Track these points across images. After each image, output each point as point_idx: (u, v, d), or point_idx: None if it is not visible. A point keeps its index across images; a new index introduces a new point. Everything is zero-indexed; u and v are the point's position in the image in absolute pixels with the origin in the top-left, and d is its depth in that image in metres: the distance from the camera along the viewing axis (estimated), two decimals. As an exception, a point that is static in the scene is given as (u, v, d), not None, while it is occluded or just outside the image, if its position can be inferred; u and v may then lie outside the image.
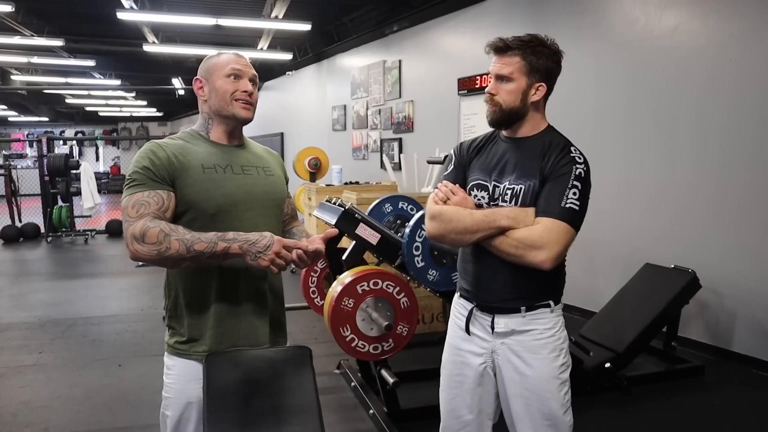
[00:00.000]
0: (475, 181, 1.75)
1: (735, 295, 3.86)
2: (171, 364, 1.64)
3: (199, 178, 1.56)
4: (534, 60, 1.65)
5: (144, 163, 1.54)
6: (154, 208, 1.50)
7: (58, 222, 9.72)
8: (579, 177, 1.62)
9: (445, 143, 6.39)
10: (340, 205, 2.82)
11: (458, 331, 1.84)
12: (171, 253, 1.45)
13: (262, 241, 1.48)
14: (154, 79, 13.55)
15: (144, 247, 1.45)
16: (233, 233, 1.49)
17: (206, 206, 1.56)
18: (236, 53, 1.67)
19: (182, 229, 1.49)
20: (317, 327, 4.56)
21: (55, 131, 21.76)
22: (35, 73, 12.55)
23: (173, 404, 1.62)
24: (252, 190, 1.64)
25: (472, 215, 1.66)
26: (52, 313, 5.28)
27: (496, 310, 1.73)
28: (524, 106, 1.68)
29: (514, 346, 1.72)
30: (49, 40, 8.59)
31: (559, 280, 1.76)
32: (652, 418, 3.13)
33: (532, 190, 1.64)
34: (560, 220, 1.58)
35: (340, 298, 2.51)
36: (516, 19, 5.60)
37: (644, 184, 4.35)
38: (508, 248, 1.62)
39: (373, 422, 3.02)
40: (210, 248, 1.46)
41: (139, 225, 1.46)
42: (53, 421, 3.15)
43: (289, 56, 10.15)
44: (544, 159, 1.65)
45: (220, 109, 1.62)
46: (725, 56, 3.82)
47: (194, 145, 1.63)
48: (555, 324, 1.73)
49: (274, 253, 1.48)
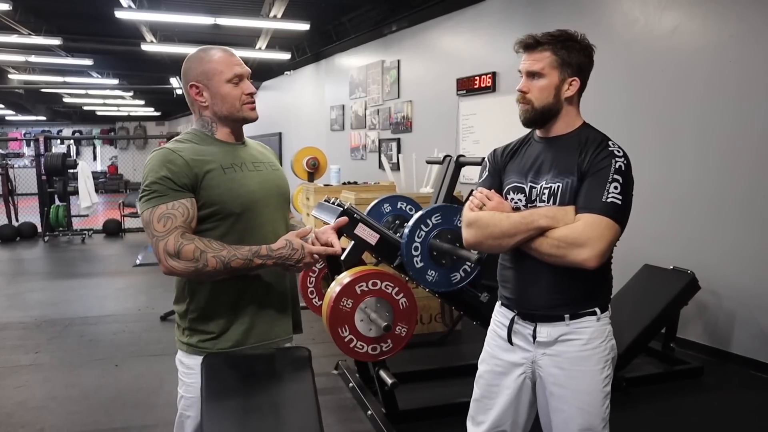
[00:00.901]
0: (511, 185, 1.70)
1: (734, 297, 3.86)
2: (192, 364, 1.61)
3: (221, 178, 1.56)
4: (565, 54, 1.60)
5: (162, 173, 1.50)
6: (180, 220, 1.49)
7: (55, 221, 9.68)
8: (619, 170, 1.54)
9: (443, 143, 6.38)
10: (339, 204, 2.80)
11: (499, 341, 1.78)
12: (209, 269, 1.47)
13: (294, 255, 1.53)
14: (152, 79, 13.51)
15: (180, 264, 1.47)
16: (266, 248, 1.52)
17: (233, 206, 1.56)
18: (224, 49, 1.63)
19: (216, 244, 1.49)
20: (315, 327, 4.54)
21: (53, 130, 21.69)
22: (33, 72, 12.50)
23: (197, 405, 1.59)
24: (267, 186, 1.66)
25: (509, 218, 1.60)
26: (48, 313, 5.26)
27: (539, 318, 1.66)
28: (558, 102, 1.62)
29: (556, 356, 1.65)
30: (46, 38, 8.55)
31: (605, 283, 1.69)
32: (651, 419, 3.12)
33: (570, 187, 1.58)
34: (602, 215, 1.51)
35: (339, 298, 2.49)
36: (515, 20, 5.60)
37: (644, 184, 4.32)
38: (549, 248, 1.55)
39: (372, 423, 3.01)
40: (246, 265, 1.50)
41: (171, 241, 1.46)
42: (49, 421, 3.14)
43: (288, 56, 10.13)
44: (581, 155, 1.59)
45: (230, 115, 1.62)
46: (725, 57, 3.82)
47: (204, 145, 1.61)
48: (601, 333, 1.65)
49: (304, 264, 1.57)
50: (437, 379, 3.48)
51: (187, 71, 1.62)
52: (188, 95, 1.63)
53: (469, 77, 6.24)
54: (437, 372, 3.52)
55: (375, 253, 2.83)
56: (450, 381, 3.49)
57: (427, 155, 5.31)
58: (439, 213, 2.61)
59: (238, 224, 1.56)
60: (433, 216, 2.62)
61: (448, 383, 3.46)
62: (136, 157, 20.63)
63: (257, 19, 7.59)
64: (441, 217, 2.61)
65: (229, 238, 1.56)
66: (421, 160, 5.82)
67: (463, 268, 2.68)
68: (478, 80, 6.10)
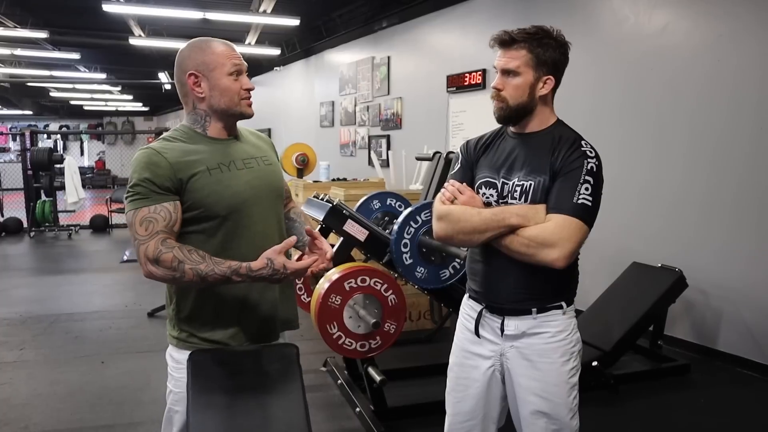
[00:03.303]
0: (483, 179, 1.70)
1: (721, 295, 3.88)
2: (182, 358, 1.60)
3: (206, 181, 1.53)
4: (541, 52, 1.60)
5: (146, 175, 1.48)
6: (162, 225, 1.47)
7: (41, 217, 9.57)
8: (591, 172, 1.56)
9: (433, 140, 6.37)
10: (328, 200, 2.79)
11: (467, 334, 1.79)
12: (186, 280, 1.46)
13: (275, 276, 1.49)
14: (141, 73, 13.41)
15: (159, 270, 1.46)
16: (246, 267, 1.48)
17: (217, 208, 1.54)
18: (226, 43, 1.61)
19: (196, 255, 1.47)
20: (303, 324, 4.50)
21: (39, 125, 21.43)
22: (19, 65, 12.35)
23: (185, 399, 1.57)
24: (257, 185, 1.62)
25: (480, 214, 1.61)
26: (34, 309, 5.20)
27: (507, 312, 1.68)
28: (532, 100, 1.63)
29: (524, 349, 1.67)
30: (32, 31, 8.44)
31: (572, 280, 1.71)
32: (639, 416, 3.14)
33: (542, 186, 1.59)
34: (572, 216, 1.53)
35: (327, 294, 2.48)
36: (505, 16, 5.59)
37: (634, 183, 4.35)
38: (519, 247, 1.57)
39: (360, 420, 3.00)
40: (223, 281, 1.48)
41: (152, 247, 1.45)
42: (33, 419, 3.10)
43: (277, 51, 10.08)
44: (554, 154, 1.60)
45: (227, 109, 1.59)
46: (715, 56, 3.83)
47: (193, 144, 1.58)
48: (567, 326, 1.67)
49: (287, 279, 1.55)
50: (426, 376, 3.47)
51: (184, 60, 1.58)
52: (184, 85, 1.59)
53: (459, 74, 6.24)
54: (426, 369, 3.51)
55: (364, 250, 2.82)
56: (439, 378, 3.44)
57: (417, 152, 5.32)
58: (429, 210, 2.60)
59: (223, 226, 1.54)
60: (423, 213, 2.61)
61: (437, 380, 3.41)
62: (124, 153, 20.50)
63: (247, 14, 7.55)
64: (430, 214, 2.60)
65: (215, 239, 1.55)
66: (410, 157, 5.82)
67: (452, 265, 2.68)
68: (468, 77, 6.10)
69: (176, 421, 1.62)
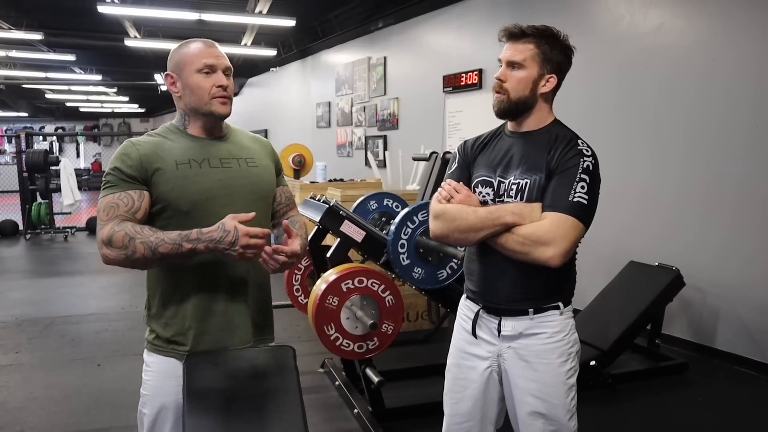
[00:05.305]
0: (480, 178, 1.70)
1: (718, 293, 3.89)
2: (150, 361, 1.61)
3: (172, 175, 1.52)
4: (548, 50, 1.60)
5: (115, 164, 1.52)
6: (123, 210, 1.48)
7: (37, 219, 9.55)
8: (587, 170, 1.56)
9: (430, 140, 6.37)
10: (325, 201, 2.78)
11: (464, 334, 1.78)
12: (138, 256, 1.43)
13: (226, 238, 1.43)
14: (136, 75, 13.36)
15: (113, 252, 1.45)
16: (197, 232, 1.44)
17: (180, 203, 1.52)
18: (206, 41, 1.59)
19: (147, 230, 1.45)
20: (301, 325, 4.52)
21: (35, 127, 21.37)
22: (14, 67, 12.29)
23: (150, 402, 1.59)
24: (231, 184, 1.58)
25: (476, 213, 1.61)
26: (29, 312, 5.18)
27: (503, 312, 1.68)
28: (533, 96, 1.62)
29: (521, 350, 1.66)
30: (27, 33, 8.41)
31: (568, 279, 1.70)
32: (637, 414, 3.14)
33: (538, 184, 1.59)
34: (568, 214, 1.53)
35: (325, 295, 2.47)
36: (501, 16, 5.59)
37: (631, 182, 4.35)
38: (514, 245, 1.56)
39: (358, 422, 2.99)
40: (175, 250, 1.44)
41: (107, 229, 1.45)
42: (29, 422, 3.08)
43: (274, 52, 10.06)
44: (551, 152, 1.59)
45: (197, 108, 1.57)
46: (710, 54, 3.84)
47: (171, 140, 1.58)
48: (564, 327, 1.66)
49: (241, 246, 1.43)
50: (424, 376, 3.46)
51: (167, 61, 1.61)
52: (168, 87, 1.62)
53: (456, 74, 6.24)
54: (424, 370, 3.51)
55: (361, 251, 2.81)
56: (436, 379, 3.43)
57: (414, 152, 5.31)
58: (426, 210, 2.59)
59: (188, 222, 1.50)
60: (420, 213, 2.60)
61: (435, 381, 3.41)
62: (120, 155, 20.38)
63: (242, 14, 7.53)
64: (427, 215, 2.59)
65: None
66: (407, 157, 5.81)
67: (449, 265, 2.67)
68: (465, 77, 6.10)
69: (145, 422, 1.61)
